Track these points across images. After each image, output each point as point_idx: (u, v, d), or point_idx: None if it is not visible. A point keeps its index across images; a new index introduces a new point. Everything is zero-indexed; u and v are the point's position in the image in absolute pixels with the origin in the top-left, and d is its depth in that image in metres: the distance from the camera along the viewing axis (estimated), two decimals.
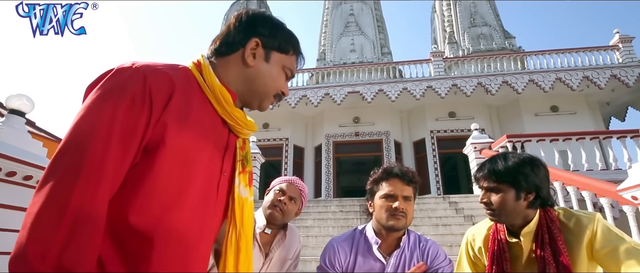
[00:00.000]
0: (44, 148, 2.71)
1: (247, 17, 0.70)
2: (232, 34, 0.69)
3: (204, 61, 0.68)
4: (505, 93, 8.48)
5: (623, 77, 7.81)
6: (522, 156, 1.02)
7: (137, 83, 0.56)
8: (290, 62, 0.73)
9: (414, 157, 9.59)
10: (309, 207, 5.81)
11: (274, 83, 0.71)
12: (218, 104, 0.65)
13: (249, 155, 0.75)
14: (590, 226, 0.93)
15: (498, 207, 0.99)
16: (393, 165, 1.17)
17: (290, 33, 0.74)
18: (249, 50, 0.68)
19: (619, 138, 4.91)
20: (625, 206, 2.96)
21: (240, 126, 0.69)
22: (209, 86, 0.65)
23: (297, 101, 9.09)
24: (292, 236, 1.49)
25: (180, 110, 0.60)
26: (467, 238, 1.20)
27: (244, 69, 0.69)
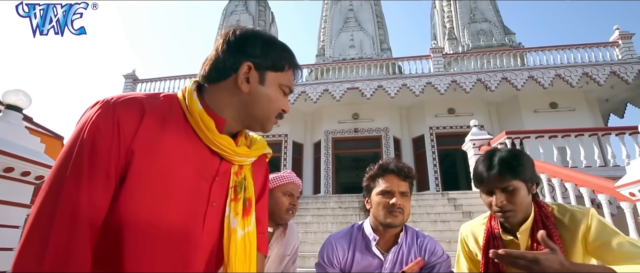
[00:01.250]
0: (41, 144, 2.69)
1: (235, 38, 0.66)
2: (222, 58, 0.65)
3: (189, 87, 0.66)
4: (504, 89, 8.48)
5: (622, 73, 7.81)
6: (512, 150, 1.01)
7: (107, 114, 0.56)
8: (287, 78, 0.70)
9: (413, 153, 9.61)
10: (308, 204, 5.82)
11: (273, 105, 0.68)
12: (199, 131, 0.62)
13: (247, 181, 0.70)
14: (584, 220, 0.93)
15: (516, 206, 0.95)
16: (389, 161, 1.17)
17: (283, 47, 0.70)
18: (242, 76, 0.64)
19: (617, 135, 4.92)
20: (623, 202, 2.97)
21: (228, 153, 0.65)
22: (190, 112, 0.63)
23: (296, 97, 9.07)
24: (291, 232, 1.50)
25: (152, 138, 0.58)
26: (461, 235, 1.20)
27: (239, 95, 0.65)
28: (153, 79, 10.38)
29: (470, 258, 1.16)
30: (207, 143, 0.64)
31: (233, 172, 0.68)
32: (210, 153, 0.64)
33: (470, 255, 1.16)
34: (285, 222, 1.46)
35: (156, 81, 10.29)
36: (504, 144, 5.28)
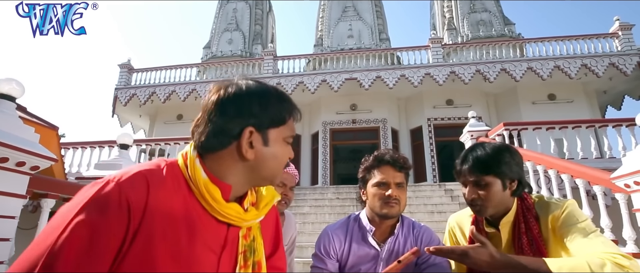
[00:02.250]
0: (36, 134, 2.66)
1: (228, 102, 0.61)
2: (218, 126, 0.60)
3: (191, 154, 0.61)
4: (503, 81, 8.46)
5: (621, 65, 7.80)
6: (496, 144, 1.01)
7: (112, 197, 0.52)
8: (290, 129, 0.66)
9: (410, 144, 9.62)
10: (306, 194, 5.85)
11: (280, 162, 0.64)
12: (205, 202, 0.59)
13: (256, 242, 0.67)
14: (557, 212, 0.93)
15: (487, 200, 0.97)
16: (384, 152, 1.16)
17: (281, 97, 0.65)
18: (245, 143, 0.60)
19: (614, 127, 4.93)
20: (618, 194, 3.00)
21: (236, 221, 0.62)
22: (193, 183, 0.59)
23: (294, 88, 9.01)
24: (288, 223, 1.50)
25: (157, 216, 0.54)
26: (449, 226, 1.21)
27: (244, 161, 0.61)
28: (148, 69, 10.25)
29: None
30: (212, 214, 0.60)
31: (241, 235, 0.65)
32: (217, 223, 0.61)
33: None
34: (279, 212, 1.45)
35: (152, 71, 10.17)
36: (501, 136, 5.29)
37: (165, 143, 6.42)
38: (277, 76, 9.33)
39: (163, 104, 9.70)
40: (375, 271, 1.10)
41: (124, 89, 9.81)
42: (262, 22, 13.09)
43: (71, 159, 6.50)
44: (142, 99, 9.61)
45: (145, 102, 9.63)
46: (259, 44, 12.38)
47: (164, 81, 9.86)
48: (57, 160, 3.10)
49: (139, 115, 10.96)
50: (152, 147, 6.59)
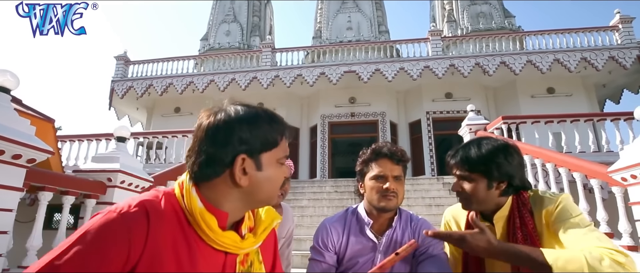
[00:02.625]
0: (32, 127, 2.63)
1: (218, 129, 0.60)
2: (210, 156, 0.59)
3: (187, 183, 0.61)
4: (502, 74, 8.43)
5: (621, 58, 7.78)
6: (496, 143, 0.99)
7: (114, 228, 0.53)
8: (283, 150, 0.65)
9: (409, 138, 9.63)
10: (304, 188, 5.86)
11: (276, 185, 0.65)
12: (201, 231, 0.59)
13: (253, 267, 0.67)
14: (550, 207, 0.93)
15: (470, 196, 0.98)
16: (382, 145, 1.15)
17: (270, 119, 0.64)
18: (238, 171, 0.60)
19: (612, 121, 4.94)
20: (614, 187, 3.01)
21: (232, 249, 0.62)
22: (189, 212, 0.59)
23: (292, 80, 8.95)
24: (286, 215, 1.50)
25: (155, 249, 0.55)
26: (445, 219, 1.21)
27: (239, 188, 0.61)
28: (145, 61, 10.14)
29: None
30: (209, 243, 0.60)
31: (239, 261, 0.65)
32: (214, 251, 0.61)
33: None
34: (274, 205, 1.45)
35: (148, 63, 10.06)
36: (499, 129, 5.29)
37: (163, 136, 6.39)
38: (276, 69, 9.26)
39: (160, 96, 9.63)
40: (373, 263, 1.10)
41: (121, 81, 9.72)
42: (260, 13, 12.92)
43: (68, 152, 6.47)
44: (139, 92, 9.53)
45: (142, 94, 9.55)
46: (257, 35, 12.25)
47: (161, 73, 9.77)
48: (53, 153, 3.07)
49: (136, 108, 10.88)
50: (149, 140, 6.57)
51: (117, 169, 3.18)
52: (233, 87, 9.23)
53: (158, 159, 6.48)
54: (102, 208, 2.26)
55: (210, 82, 9.26)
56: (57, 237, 2.80)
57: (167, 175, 4.06)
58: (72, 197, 2.91)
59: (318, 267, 1.13)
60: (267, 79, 9.06)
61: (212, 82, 9.26)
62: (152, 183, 3.66)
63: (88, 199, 3.06)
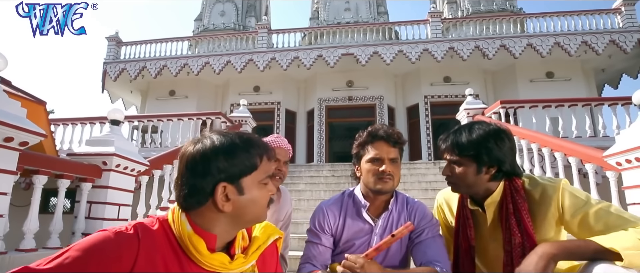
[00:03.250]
0: (23, 109, 2.57)
1: (195, 162, 0.64)
2: (192, 187, 0.63)
3: (177, 210, 0.66)
4: (502, 57, 8.34)
5: (621, 42, 7.70)
6: (488, 128, 0.98)
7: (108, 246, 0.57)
8: (264, 171, 0.68)
9: (407, 122, 9.62)
10: (301, 172, 5.88)
11: (261, 205, 0.68)
12: (190, 254, 0.63)
13: None
14: (555, 196, 0.93)
15: (458, 180, 0.98)
16: (378, 128, 1.15)
17: (247, 144, 0.67)
18: (220, 199, 0.63)
19: (610, 106, 4.95)
20: (609, 172, 3.04)
21: (221, 270, 0.65)
22: (179, 236, 0.64)
23: (289, 63, 8.80)
24: (284, 198, 1.51)
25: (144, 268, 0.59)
26: (438, 202, 1.23)
27: (224, 213, 0.65)
28: (138, 42, 9.88)
29: (445, 224, 1.19)
30: (199, 265, 0.64)
31: None
32: (206, 271, 0.65)
33: (445, 221, 1.19)
34: (276, 188, 1.45)
35: (141, 44, 9.81)
36: (497, 114, 5.28)
37: (158, 119, 6.32)
38: (272, 51, 9.08)
39: (154, 79, 9.45)
40: (370, 245, 1.11)
41: (113, 63, 9.50)
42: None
43: (62, 136, 6.40)
44: (133, 74, 9.34)
45: (135, 77, 9.37)
46: (252, 16, 11.92)
47: (155, 55, 9.55)
48: (46, 135, 3.02)
49: (130, 91, 10.71)
50: (144, 123, 6.49)
51: (112, 152, 3.15)
52: (229, 69, 9.07)
53: (154, 143, 6.44)
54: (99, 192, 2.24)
55: (205, 65, 9.08)
56: (53, 221, 2.80)
57: (163, 159, 4.03)
58: (67, 180, 2.89)
59: (315, 249, 1.14)
60: (263, 61, 8.89)
61: (207, 64, 9.08)
62: (148, 167, 3.64)
63: (84, 183, 3.04)
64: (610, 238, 0.80)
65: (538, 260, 0.79)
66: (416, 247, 1.09)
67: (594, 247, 0.80)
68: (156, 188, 3.96)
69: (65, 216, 3.10)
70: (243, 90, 9.85)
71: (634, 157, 2.68)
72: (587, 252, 0.81)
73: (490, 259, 1.04)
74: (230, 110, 9.45)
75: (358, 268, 0.87)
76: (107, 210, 3.10)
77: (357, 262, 0.88)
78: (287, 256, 1.57)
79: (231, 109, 9.48)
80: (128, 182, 3.40)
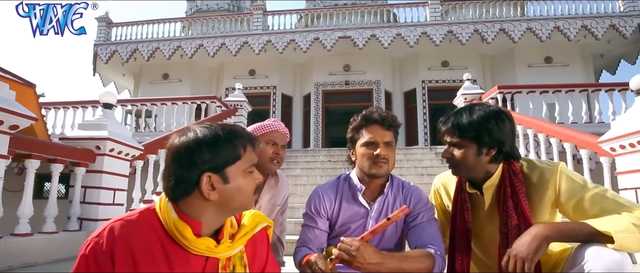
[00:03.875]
0: (11, 91, 2.50)
1: (180, 153, 0.67)
2: (178, 178, 0.67)
3: (164, 199, 0.69)
4: (501, 42, 8.25)
5: (621, 27, 7.63)
6: (488, 109, 0.98)
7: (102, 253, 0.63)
8: (248, 160, 0.70)
9: (403, 107, 9.59)
10: (298, 157, 5.88)
11: (247, 193, 0.70)
12: (177, 239, 0.66)
13: (236, 271, 0.73)
14: (552, 179, 0.94)
15: (459, 162, 0.98)
16: (372, 111, 1.14)
17: (230, 136, 0.69)
18: (206, 188, 0.66)
19: (607, 91, 4.95)
20: (603, 157, 3.07)
21: (208, 254, 0.69)
22: (165, 223, 0.67)
23: (285, 46, 8.62)
24: (281, 183, 1.50)
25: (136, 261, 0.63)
26: (435, 186, 1.23)
27: (210, 201, 0.67)
28: (129, 23, 9.59)
29: (442, 209, 1.20)
30: (187, 250, 0.67)
31: (221, 266, 0.71)
32: (193, 256, 0.68)
33: (442, 205, 1.20)
34: (271, 172, 1.44)
35: (133, 25, 9.52)
36: (495, 99, 5.26)
37: (152, 103, 6.22)
38: (267, 33, 8.87)
39: (147, 61, 9.23)
40: (365, 229, 1.12)
41: (104, 45, 9.23)
42: None
43: (53, 120, 6.29)
44: (124, 57, 9.11)
45: (127, 59, 9.14)
46: None
47: (147, 37, 9.29)
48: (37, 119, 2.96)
49: (123, 74, 10.48)
50: (138, 107, 6.39)
51: (105, 137, 3.10)
52: (223, 52, 8.87)
53: (148, 128, 6.37)
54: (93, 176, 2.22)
55: (199, 47, 8.87)
56: (48, 206, 2.79)
57: (158, 144, 3.99)
58: (60, 165, 2.86)
59: (311, 232, 1.15)
60: (259, 44, 8.70)
61: (201, 46, 8.87)
62: (142, 151, 3.60)
63: (77, 168, 3.01)
64: (604, 222, 0.81)
65: (531, 241, 0.81)
66: (411, 231, 1.09)
67: (588, 229, 0.81)
68: (151, 173, 3.94)
69: (61, 201, 3.08)
70: (238, 74, 9.69)
71: (628, 142, 2.70)
72: (581, 235, 0.82)
73: (486, 242, 1.05)
74: (225, 94, 9.33)
75: (354, 251, 0.87)
76: (102, 195, 3.08)
77: (353, 245, 0.88)
78: (284, 240, 1.58)
79: (226, 93, 9.35)
80: (122, 167, 3.37)
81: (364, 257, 0.87)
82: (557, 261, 0.94)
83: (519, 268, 0.80)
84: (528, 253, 0.79)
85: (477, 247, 1.08)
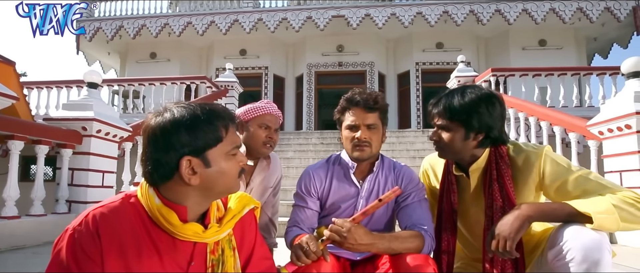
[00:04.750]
0: None
1: (156, 136, 0.63)
2: (156, 162, 0.63)
3: (144, 185, 0.66)
4: (496, 23, 8.16)
5: (616, 10, 7.61)
6: (480, 92, 0.97)
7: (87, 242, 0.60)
8: (230, 142, 0.67)
9: (397, 90, 9.55)
10: (290, 139, 5.86)
11: (230, 176, 0.67)
12: (162, 225, 0.64)
13: (225, 254, 0.71)
14: (537, 163, 0.95)
15: (446, 145, 0.99)
16: (355, 92, 1.12)
17: (210, 116, 0.65)
18: (186, 172, 0.62)
19: (598, 75, 4.99)
20: (590, 141, 3.13)
21: (196, 239, 0.67)
22: (149, 210, 0.64)
23: (277, 25, 8.37)
24: (274, 164, 1.49)
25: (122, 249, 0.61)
26: (423, 167, 1.24)
27: (192, 187, 0.64)
28: None
29: (430, 189, 1.21)
30: (174, 236, 0.65)
31: (209, 250, 0.69)
32: (180, 241, 0.66)
33: (429, 186, 1.22)
34: (263, 156, 1.41)
35: (116, 0, 9.06)
36: (488, 82, 5.27)
37: (139, 83, 6.04)
38: (258, 11, 8.58)
39: (133, 40, 8.88)
40: (355, 208, 1.12)
41: (87, 21, 8.80)
42: None
43: (37, 100, 6.09)
44: (109, 34, 8.73)
45: (112, 37, 8.77)
46: None
47: (132, 13, 8.88)
48: (18, 98, 2.84)
49: (108, 53, 10.09)
50: (125, 88, 6.20)
51: (91, 117, 3.01)
52: (213, 30, 8.57)
53: (136, 109, 6.21)
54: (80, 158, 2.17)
55: (188, 25, 8.54)
56: (34, 188, 2.73)
57: None
58: (45, 146, 2.78)
59: (302, 213, 1.15)
60: (250, 22, 8.42)
61: (189, 24, 8.54)
62: (131, 133, 3.53)
63: (64, 149, 2.93)
64: (585, 203, 0.84)
65: (513, 220, 0.83)
66: (402, 211, 1.10)
67: (568, 210, 0.84)
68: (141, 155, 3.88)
69: (49, 184, 3.02)
70: (229, 53, 9.43)
71: (616, 126, 2.74)
72: (562, 215, 0.85)
73: (471, 223, 1.07)
74: (215, 74, 9.10)
75: (345, 233, 0.87)
76: (90, 177, 3.03)
77: (344, 226, 0.88)
78: (276, 222, 1.58)
79: (216, 73, 9.13)
80: (111, 149, 3.30)
81: (355, 238, 0.88)
82: (539, 241, 0.97)
83: (502, 247, 0.82)
84: (510, 233, 0.82)
85: (463, 227, 1.11)
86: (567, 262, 0.78)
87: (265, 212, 1.49)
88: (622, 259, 1.96)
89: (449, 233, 1.04)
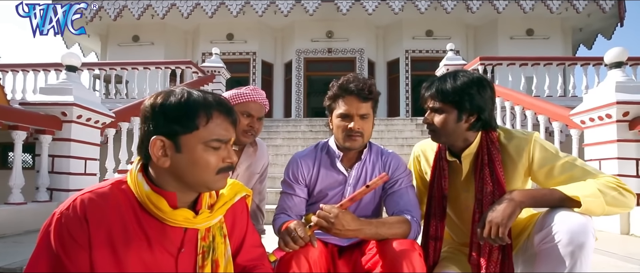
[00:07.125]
0: None
1: (144, 116, 0.65)
2: (140, 137, 0.66)
3: (134, 170, 0.67)
4: (485, 12, 8.19)
5: (602, 1, 7.73)
6: (472, 75, 0.99)
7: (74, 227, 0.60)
8: (210, 132, 0.64)
9: (386, 78, 9.54)
10: (279, 127, 5.81)
11: (203, 168, 0.65)
12: (151, 212, 0.64)
13: (216, 241, 0.71)
14: (526, 148, 0.98)
15: (439, 128, 1.00)
16: (349, 80, 1.10)
17: (189, 103, 0.63)
18: (154, 151, 0.63)
19: (582, 65, 5.10)
20: (573, 130, 3.22)
21: (186, 225, 0.67)
22: (138, 196, 0.65)
23: (265, 8, 8.13)
24: (261, 151, 1.47)
25: (110, 235, 0.61)
26: (414, 154, 1.25)
27: (165, 170, 0.65)
28: None
29: (420, 176, 1.23)
30: (163, 221, 0.65)
31: (200, 237, 0.70)
32: (171, 227, 0.66)
33: (420, 173, 1.23)
34: (243, 145, 1.38)
35: None
36: (476, 70, 5.31)
37: (121, 67, 5.81)
38: None
39: (114, 22, 8.47)
40: (343, 196, 1.13)
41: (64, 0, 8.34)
42: None
43: (12, 84, 5.80)
44: (88, 15, 8.29)
45: (92, 18, 8.33)
46: None
47: None
48: None
49: (88, 35, 9.63)
50: (107, 72, 5.97)
51: (71, 102, 2.89)
52: (198, 13, 8.26)
53: (119, 94, 6.00)
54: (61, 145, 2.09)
55: (172, 7, 8.20)
56: (12, 175, 2.63)
57: (130, 111, 3.77)
58: (23, 132, 2.66)
59: (289, 200, 1.15)
60: (237, 5, 8.15)
61: (173, 6, 8.20)
62: (113, 119, 3.41)
63: (43, 135, 2.81)
64: (572, 188, 0.87)
65: (505, 207, 0.86)
66: (389, 197, 1.11)
67: (558, 195, 0.87)
68: (125, 142, 3.77)
69: (29, 172, 2.91)
70: (215, 38, 9.16)
71: (597, 115, 2.83)
72: (552, 200, 0.88)
73: (461, 208, 1.09)
74: (201, 59, 8.84)
75: (332, 218, 0.88)
76: (72, 164, 2.93)
77: (331, 212, 0.88)
78: (264, 209, 1.57)
79: (203, 58, 8.87)
80: (93, 135, 3.19)
81: (342, 224, 0.88)
82: (524, 226, 1.00)
83: (494, 234, 0.84)
84: (502, 219, 0.84)
85: (453, 212, 1.13)
86: (554, 245, 0.81)
87: (252, 199, 1.48)
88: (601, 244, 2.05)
89: (438, 219, 1.06)
